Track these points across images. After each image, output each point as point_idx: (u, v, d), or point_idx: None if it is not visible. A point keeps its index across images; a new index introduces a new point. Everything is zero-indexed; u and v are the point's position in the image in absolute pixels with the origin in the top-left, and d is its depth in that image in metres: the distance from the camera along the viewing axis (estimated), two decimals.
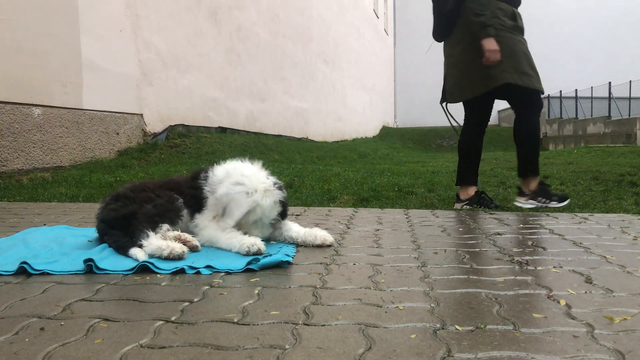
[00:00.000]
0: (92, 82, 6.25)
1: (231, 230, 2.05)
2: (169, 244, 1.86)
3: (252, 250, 1.91)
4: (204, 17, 8.88)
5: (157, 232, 1.94)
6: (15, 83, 5.27)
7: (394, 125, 30.05)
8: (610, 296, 1.45)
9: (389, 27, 29.56)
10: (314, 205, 3.79)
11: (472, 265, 1.84)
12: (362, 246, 2.19)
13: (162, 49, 7.68)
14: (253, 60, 10.88)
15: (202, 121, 8.88)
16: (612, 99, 21.53)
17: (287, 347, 1.10)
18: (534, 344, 1.11)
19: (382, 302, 1.40)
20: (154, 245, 1.86)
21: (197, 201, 2.15)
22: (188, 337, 1.15)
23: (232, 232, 2.04)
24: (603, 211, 3.47)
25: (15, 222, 2.88)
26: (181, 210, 2.11)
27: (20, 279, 1.66)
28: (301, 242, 2.18)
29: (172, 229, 2.01)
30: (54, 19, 5.70)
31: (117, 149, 6.78)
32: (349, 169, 6.64)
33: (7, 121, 5.15)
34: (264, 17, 11.44)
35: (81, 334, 1.17)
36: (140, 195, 2.07)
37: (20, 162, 5.31)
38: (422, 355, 1.05)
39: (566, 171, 5.98)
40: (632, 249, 2.10)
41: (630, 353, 1.06)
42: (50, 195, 4.14)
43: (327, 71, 16.53)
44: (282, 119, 12.59)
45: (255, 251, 1.90)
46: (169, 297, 1.45)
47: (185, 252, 1.88)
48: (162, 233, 1.95)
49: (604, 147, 11.67)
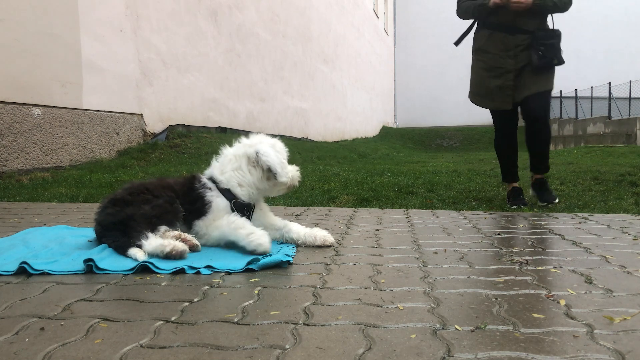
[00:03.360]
0: (92, 82, 6.25)
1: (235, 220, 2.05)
2: (170, 242, 1.87)
3: (259, 250, 1.92)
4: (204, 17, 8.88)
5: (156, 233, 1.94)
6: (15, 83, 5.27)
7: (394, 125, 30.04)
8: (610, 296, 1.45)
9: (389, 27, 29.56)
10: (314, 205, 3.79)
11: (472, 265, 1.84)
12: (362, 246, 2.19)
13: (162, 49, 7.68)
14: (253, 60, 10.88)
15: (202, 121, 8.88)
16: (612, 99, 21.52)
17: (287, 347, 1.10)
18: (534, 344, 1.11)
19: (382, 302, 1.40)
20: (155, 243, 1.86)
21: (200, 208, 2.13)
22: (188, 337, 1.15)
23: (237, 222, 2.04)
24: (603, 211, 3.47)
25: (15, 222, 2.88)
26: (179, 211, 2.10)
27: (20, 279, 1.66)
28: (301, 242, 2.18)
29: (169, 230, 2.01)
30: (54, 19, 5.69)
31: (117, 149, 6.78)
32: (349, 169, 6.64)
33: (7, 121, 5.15)
34: (264, 17, 11.44)
35: (81, 334, 1.17)
36: (138, 198, 2.06)
37: (20, 162, 5.31)
38: (422, 355, 1.05)
39: (566, 171, 5.98)
40: (632, 249, 2.10)
41: (630, 353, 1.06)
42: (50, 195, 4.14)
43: (327, 71, 16.52)
44: (282, 119, 12.59)
45: (262, 251, 1.91)
46: (169, 297, 1.45)
47: (187, 250, 1.89)
48: (160, 234, 1.95)
49: (604, 147, 11.67)
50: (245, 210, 2.20)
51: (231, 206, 2.14)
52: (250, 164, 2.18)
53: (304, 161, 9.16)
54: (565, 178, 5.38)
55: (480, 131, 24.23)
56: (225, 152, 2.26)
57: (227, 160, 2.22)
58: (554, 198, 3.73)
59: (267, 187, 2.23)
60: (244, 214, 2.18)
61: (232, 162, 2.20)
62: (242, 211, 2.18)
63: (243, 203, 2.18)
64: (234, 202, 2.15)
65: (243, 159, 2.19)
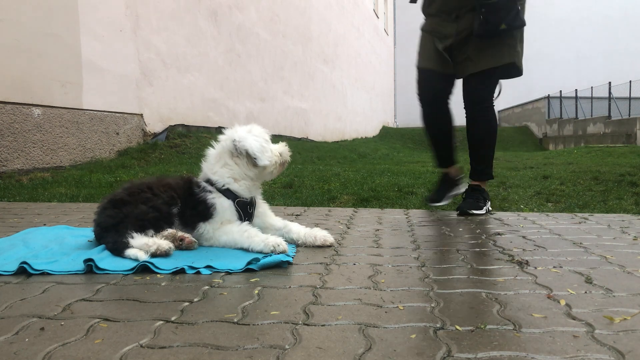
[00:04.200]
0: (92, 82, 6.25)
1: (248, 229, 2.06)
2: (155, 241, 1.87)
3: (278, 250, 1.92)
4: (204, 17, 8.88)
5: (145, 233, 1.95)
6: (15, 83, 5.27)
7: (394, 125, 30.04)
8: (610, 296, 1.45)
9: (389, 27, 29.56)
10: (314, 205, 3.79)
11: (472, 265, 1.84)
12: (362, 246, 2.19)
13: (162, 49, 7.68)
14: (253, 60, 10.88)
15: (202, 121, 8.88)
16: (612, 99, 21.54)
17: (287, 347, 1.10)
18: (534, 344, 1.11)
19: (382, 302, 1.40)
20: (140, 242, 1.87)
21: (203, 211, 2.12)
22: (188, 337, 1.15)
23: (250, 231, 2.05)
24: (603, 211, 3.47)
25: (15, 222, 2.88)
26: (174, 216, 2.09)
27: (20, 279, 1.66)
28: (301, 242, 2.18)
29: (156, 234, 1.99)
30: (54, 19, 5.69)
31: (117, 149, 6.78)
32: (349, 169, 6.64)
33: (7, 121, 5.15)
34: (264, 17, 11.44)
35: (81, 334, 1.17)
36: (137, 197, 2.06)
37: (20, 162, 5.31)
38: (422, 355, 1.05)
39: (566, 171, 5.98)
40: (632, 249, 2.10)
41: (630, 353, 1.06)
42: (50, 195, 4.14)
43: (327, 71, 16.52)
44: (282, 119, 12.59)
45: (281, 251, 1.92)
46: (169, 297, 1.45)
47: (172, 248, 1.89)
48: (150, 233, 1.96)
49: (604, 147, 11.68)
50: (249, 208, 2.21)
51: (235, 205, 2.14)
52: (233, 157, 2.17)
53: (304, 161, 9.16)
54: (565, 178, 5.38)
55: None
56: (209, 152, 2.25)
57: (213, 159, 2.22)
58: (478, 207, 3.09)
59: (258, 173, 2.21)
60: (247, 212, 2.19)
61: (218, 160, 2.20)
62: (246, 210, 2.18)
63: (245, 201, 2.18)
64: (237, 201, 2.15)
65: (225, 154, 2.19)
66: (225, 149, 2.19)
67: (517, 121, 29.92)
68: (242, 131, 2.19)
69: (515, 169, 6.74)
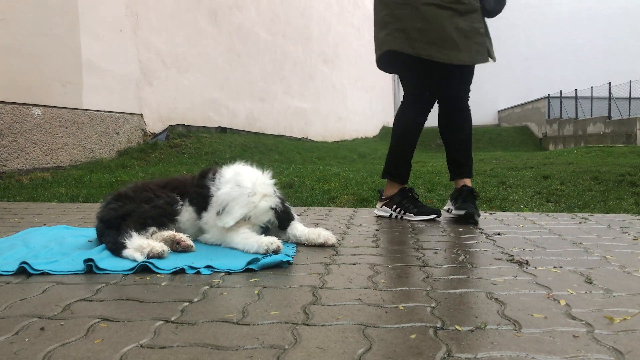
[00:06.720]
0: (92, 82, 6.25)
1: (245, 231, 2.06)
2: (149, 243, 1.87)
3: (272, 248, 1.91)
4: (204, 17, 8.88)
5: (142, 233, 1.95)
6: (15, 83, 5.27)
7: None
8: (610, 296, 1.45)
9: None
10: (314, 205, 3.79)
11: (472, 265, 1.84)
12: (362, 246, 2.19)
13: (162, 49, 7.68)
14: (253, 60, 10.88)
15: (202, 121, 8.88)
16: (612, 99, 21.53)
17: (287, 347, 1.10)
18: (534, 344, 1.11)
19: (382, 302, 1.40)
20: (136, 243, 1.88)
21: (204, 199, 2.16)
22: (188, 337, 1.15)
23: (246, 233, 2.05)
24: (603, 211, 3.47)
25: (15, 222, 2.88)
26: (176, 214, 2.12)
27: (20, 279, 1.66)
28: (304, 240, 2.19)
29: (158, 231, 2.01)
30: (54, 19, 5.70)
31: (117, 149, 6.78)
32: (349, 169, 6.64)
33: (7, 121, 5.15)
34: (264, 17, 11.44)
35: (81, 334, 1.17)
36: (141, 195, 2.08)
37: (20, 162, 5.31)
38: (422, 355, 1.05)
39: (566, 171, 5.98)
40: (632, 249, 2.10)
41: (630, 353, 1.06)
42: (50, 195, 4.14)
43: (327, 71, 16.52)
44: (282, 119, 12.59)
45: (274, 249, 1.91)
46: (169, 297, 1.45)
47: (165, 250, 1.88)
48: (147, 235, 1.96)
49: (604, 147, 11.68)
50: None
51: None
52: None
53: (304, 161, 9.16)
54: (565, 178, 5.38)
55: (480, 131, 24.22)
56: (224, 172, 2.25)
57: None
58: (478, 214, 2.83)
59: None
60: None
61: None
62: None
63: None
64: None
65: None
66: (235, 193, 2.10)
67: (517, 121, 29.92)
68: (248, 179, 2.11)
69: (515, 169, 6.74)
